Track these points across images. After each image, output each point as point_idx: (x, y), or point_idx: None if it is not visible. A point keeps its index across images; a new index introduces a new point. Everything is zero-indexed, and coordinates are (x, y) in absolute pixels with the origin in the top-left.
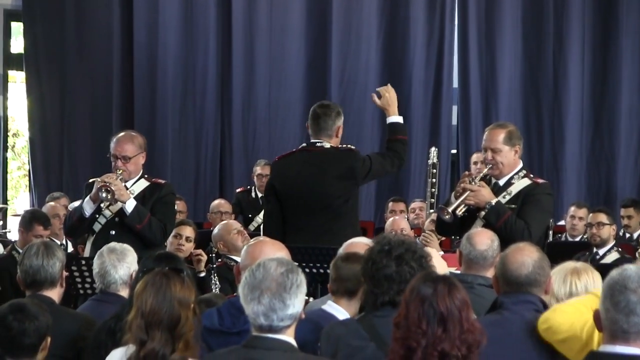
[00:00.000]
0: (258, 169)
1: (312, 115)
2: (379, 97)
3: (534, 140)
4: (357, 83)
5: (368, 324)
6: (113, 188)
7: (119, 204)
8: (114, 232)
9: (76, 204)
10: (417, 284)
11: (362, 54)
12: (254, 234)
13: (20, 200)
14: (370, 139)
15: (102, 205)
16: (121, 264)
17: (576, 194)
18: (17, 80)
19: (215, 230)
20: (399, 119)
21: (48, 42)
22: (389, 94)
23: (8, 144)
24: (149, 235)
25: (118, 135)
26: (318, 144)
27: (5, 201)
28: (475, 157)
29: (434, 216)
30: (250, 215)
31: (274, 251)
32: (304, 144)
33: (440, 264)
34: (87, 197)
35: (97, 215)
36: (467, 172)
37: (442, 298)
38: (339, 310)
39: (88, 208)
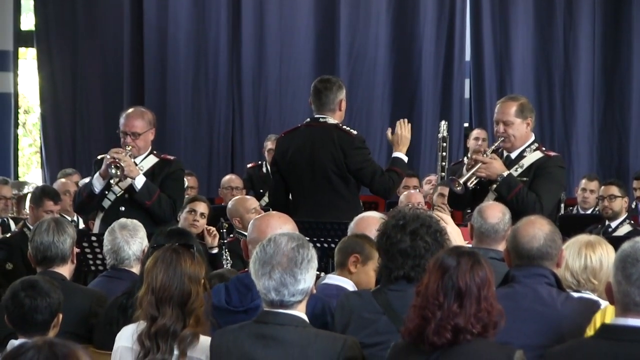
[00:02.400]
0: (269, 144)
1: (313, 91)
2: (393, 132)
3: (545, 112)
4: (367, 57)
5: (382, 297)
6: (122, 164)
7: (129, 180)
8: (123, 209)
9: (87, 180)
10: (442, 255)
11: (372, 28)
12: (265, 209)
13: (31, 177)
14: (380, 114)
15: (111, 181)
16: (134, 239)
17: (588, 167)
18: (28, 57)
19: (231, 205)
20: (404, 158)
21: (59, 19)
22: (402, 132)
23: (19, 121)
24: (158, 211)
25: (127, 112)
26: (321, 119)
27: (16, 178)
28: (476, 132)
29: (441, 190)
30: (261, 191)
31: (281, 224)
32: (308, 119)
33: (454, 231)
34: (97, 174)
35: (107, 192)
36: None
37: (463, 273)
38: (339, 279)
39: (97, 184)
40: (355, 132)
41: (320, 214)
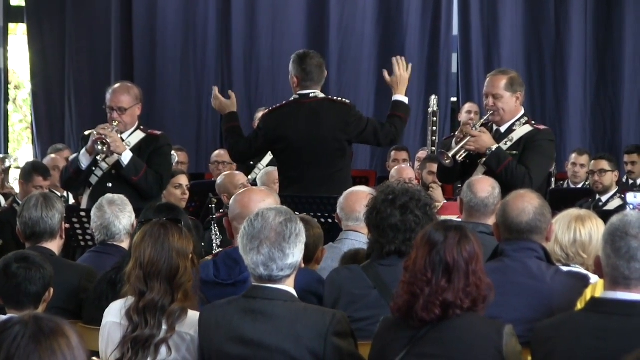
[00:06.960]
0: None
1: (294, 63)
2: (390, 74)
3: (536, 87)
4: (355, 31)
5: (373, 271)
6: (109, 140)
7: (115, 156)
8: (110, 185)
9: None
10: (429, 229)
11: (359, 0)
12: (255, 183)
13: (22, 153)
14: (367, 86)
15: (98, 157)
16: (123, 214)
17: (580, 141)
18: (18, 32)
19: (219, 181)
20: (405, 99)
21: None
22: (401, 72)
23: (9, 97)
24: (145, 187)
25: (114, 87)
26: (312, 95)
27: (6, 154)
28: (468, 106)
29: (430, 167)
30: (251, 163)
31: (262, 198)
32: (296, 96)
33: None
34: (83, 150)
35: (94, 168)
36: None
37: (451, 248)
38: None
39: (84, 160)
40: (348, 101)
41: (316, 189)
